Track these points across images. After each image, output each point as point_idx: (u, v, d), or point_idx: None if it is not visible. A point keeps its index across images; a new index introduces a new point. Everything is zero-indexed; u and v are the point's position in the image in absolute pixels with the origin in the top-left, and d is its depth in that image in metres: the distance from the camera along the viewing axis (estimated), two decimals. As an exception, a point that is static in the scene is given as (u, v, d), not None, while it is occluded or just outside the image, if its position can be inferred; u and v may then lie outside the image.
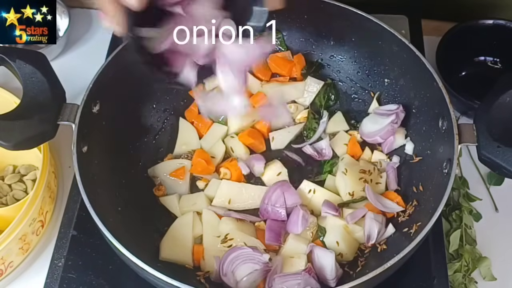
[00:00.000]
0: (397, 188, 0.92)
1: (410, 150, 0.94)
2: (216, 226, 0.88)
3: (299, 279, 0.79)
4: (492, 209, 0.99)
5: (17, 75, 0.83)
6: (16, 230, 0.85)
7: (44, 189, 0.89)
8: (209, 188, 0.93)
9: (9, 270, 0.89)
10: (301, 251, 0.85)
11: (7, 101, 0.96)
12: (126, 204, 0.88)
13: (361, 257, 0.86)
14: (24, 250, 0.90)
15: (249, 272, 0.80)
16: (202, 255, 0.86)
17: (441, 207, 0.75)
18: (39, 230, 0.92)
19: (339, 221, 0.87)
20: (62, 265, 0.88)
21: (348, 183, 0.89)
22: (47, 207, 0.93)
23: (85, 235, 0.90)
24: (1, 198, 0.97)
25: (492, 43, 1.08)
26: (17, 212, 0.85)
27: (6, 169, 1.00)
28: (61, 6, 1.15)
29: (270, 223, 0.87)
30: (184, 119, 1.01)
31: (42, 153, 0.90)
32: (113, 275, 0.88)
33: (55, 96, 0.83)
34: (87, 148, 0.84)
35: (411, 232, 0.82)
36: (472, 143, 0.79)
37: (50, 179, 0.93)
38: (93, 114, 0.86)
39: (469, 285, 0.90)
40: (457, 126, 0.80)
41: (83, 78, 0.87)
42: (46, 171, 0.90)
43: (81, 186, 0.77)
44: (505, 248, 0.95)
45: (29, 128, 0.79)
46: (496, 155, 0.76)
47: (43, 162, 0.89)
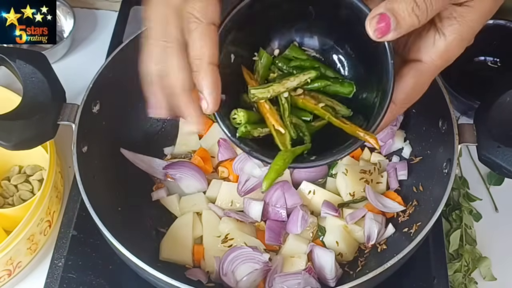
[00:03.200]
0: (397, 188, 0.92)
1: (407, 154, 0.94)
2: (216, 226, 0.88)
3: (299, 279, 0.79)
4: (492, 209, 1.00)
5: (17, 75, 0.83)
6: (24, 230, 0.85)
7: (51, 189, 0.90)
8: (209, 189, 0.93)
9: (17, 270, 0.89)
10: (302, 251, 0.85)
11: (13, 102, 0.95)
12: (126, 204, 0.88)
13: (361, 257, 0.86)
14: (32, 250, 0.90)
15: (249, 271, 0.80)
16: (202, 255, 0.86)
17: (441, 207, 0.75)
18: (47, 230, 0.92)
19: (339, 221, 0.87)
20: (62, 265, 0.88)
21: (349, 184, 0.89)
22: (54, 207, 0.93)
23: (85, 235, 0.90)
24: (8, 198, 0.97)
25: (492, 43, 1.08)
26: (24, 212, 0.85)
27: (12, 169, 1.01)
28: (66, 7, 1.15)
29: (270, 223, 0.87)
30: (184, 119, 1.00)
31: (49, 153, 0.90)
32: (113, 275, 0.88)
33: (55, 96, 0.83)
34: (87, 148, 0.84)
35: (411, 232, 0.82)
36: (472, 143, 0.79)
37: (56, 179, 0.93)
38: (93, 114, 0.86)
39: (469, 285, 0.90)
40: (457, 126, 0.80)
41: (85, 78, 0.87)
42: (53, 171, 0.90)
43: (81, 186, 0.77)
44: (505, 248, 0.95)
45: (29, 128, 0.79)
46: (496, 155, 0.76)
47: (50, 162, 0.89)
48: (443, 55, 0.60)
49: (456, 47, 0.60)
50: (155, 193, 0.93)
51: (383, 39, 0.57)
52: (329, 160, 0.64)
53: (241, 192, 0.89)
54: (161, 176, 0.94)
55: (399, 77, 0.62)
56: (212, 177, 0.94)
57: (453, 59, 0.61)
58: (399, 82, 0.62)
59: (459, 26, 0.59)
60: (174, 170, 0.92)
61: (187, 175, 0.92)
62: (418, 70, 0.62)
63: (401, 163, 0.93)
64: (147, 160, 0.94)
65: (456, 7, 0.58)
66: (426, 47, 0.61)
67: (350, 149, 0.63)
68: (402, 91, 0.62)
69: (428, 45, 0.61)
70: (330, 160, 0.64)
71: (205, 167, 0.94)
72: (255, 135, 0.65)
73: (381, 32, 0.56)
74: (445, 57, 0.61)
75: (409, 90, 0.62)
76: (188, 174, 0.92)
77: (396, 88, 0.61)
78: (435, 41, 0.60)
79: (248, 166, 0.91)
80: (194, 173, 0.91)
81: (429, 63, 0.61)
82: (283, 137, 0.64)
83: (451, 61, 0.61)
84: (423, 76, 0.62)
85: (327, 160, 0.64)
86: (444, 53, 0.60)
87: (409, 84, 0.62)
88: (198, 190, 0.92)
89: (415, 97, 0.64)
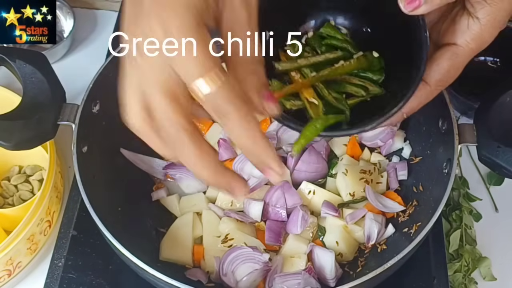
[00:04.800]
0: (397, 188, 0.92)
1: (407, 154, 0.94)
2: (216, 226, 0.88)
3: (299, 279, 0.79)
4: (492, 209, 0.99)
5: (17, 75, 0.83)
6: (24, 230, 0.85)
7: (51, 189, 0.90)
8: (209, 189, 0.93)
9: (17, 270, 0.89)
10: (302, 251, 0.85)
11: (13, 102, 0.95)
12: (126, 204, 0.88)
13: (361, 257, 0.86)
14: (32, 250, 0.90)
15: (249, 271, 0.80)
16: (202, 255, 0.86)
17: (441, 207, 0.75)
18: (47, 230, 0.92)
19: (339, 221, 0.87)
20: (62, 265, 0.88)
21: (349, 184, 0.89)
22: (54, 207, 0.93)
23: (85, 235, 0.90)
24: (8, 198, 0.97)
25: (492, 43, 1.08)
26: (24, 212, 0.85)
27: (12, 169, 1.01)
28: (66, 7, 1.15)
29: (270, 223, 0.87)
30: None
31: (49, 153, 0.90)
32: (113, 275, 0.88)
33: (55, 96, 0.83)
34: (87, 148, 0.83)
35: (411, 232, 0.82)
36: (472, 143, 0.79)
37: (56, 179, 0.93)
38: (93, 114, 0.86)
39: (469, 285, 0.90)
40: (457, 126, 0.80)
41: (85, 78, 0.87)
42: (53, 171, 0.90)
43: (81, 186, 0.77)
44: (505, 248, 0.95)
45: (29, 128, 0.79)
46: (496, 155, 0.76)
47: (50, 162, 0.89)
48: (478, 38, 0.61)
49: (490, 28, 0.61)
50: (155, 193, 0.93)
51: (415, 12, 0.58)
52: (360, 129, 0.64)
53: (241, 192, 0.88)
54: (161, 176, 0.94)
55: (433, 59, 0.63)
56: (212, 177, 0.94)
57: (487, 42, 0.62)
58: (434, 63, 0.63)
59: (491, 8, 0.60)
60: (174, 170, 0.92)
61: (187, 175, 0.92)
62: (453, 53, 0.63)
63: (401, 163, 0.93)
64: (147, 160, 0.94)
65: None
66: (460, 30, 0.62)
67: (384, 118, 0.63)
68: (437, 72, 0.63)
69: (462, 29, 0.62)
70: (361, 129, 0.64)
71: (205, 167, 0.93)
72: (288, 107, 0.66)
73: (413, 5, 0.57)
74: (480, 40, 0.62)
75: (444, 72, 0.63)
76: (188, 174, 0.92)
77: (430, 69, 0.63)
78: (469, 24, 0.61)
79: (248, 166, 0.90)
80: (194, 173, 0.91)
81: (464, 46, 0.62)
82: (317, 109, 0.65)
83: (486, 44, 0.62)
84: (458, 59, 0.63)
85: (359, 129, 0.64)
86: (479, 36, 0.61)
87: (444, 66, 0.63)
88: (198, 190, 0.92)
89: (449, 80, 0.64)
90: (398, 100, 0.62)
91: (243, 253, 0.82)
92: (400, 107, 0.62)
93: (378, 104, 0.66)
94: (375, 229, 0.85)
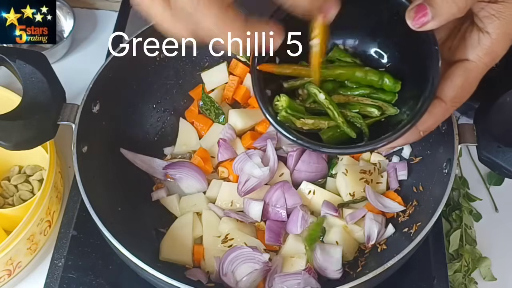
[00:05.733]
0: (397, 188, 0.92)
1: (407, 154, 0.94)
2: (216, 226, 0.88)
3: (299, 279, 0.79)
4: (492, 209, 1.00)
5: (17, 75, 0.83)
6: (24, 230, 0.85)
7: (51, 189, 0.90)
8: (209, 189, 0.93)
9: (17, 271, 0.89)
10: (302, 251, 0.85)
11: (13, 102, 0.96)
12: (126, 204, 0.88)
13: (361, 257, 0.86)
14: (32, 250, 0.90)
15: (249, 271, 0.80)
16: (202, 255, 0.86)
17: (441, 207, 0.75)
18: (47, 230, 0.92)
19: (339, 221, 0.87)
20: (62, 265, 0.88)
21: (348, 184, 0.89)
22: (54, 207, 0.93)
23: (85, 235, 0.90)
24: (8, 198, 0.97)
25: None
26: (24, 212, 0.86)
27: (12, 169, 1.01)
28: (66, 7, 1.15)
29: (270, 223, 0.87)
30: (184, 119, 1.01)
31: (49, 153, 0.90)
32: (113, 275, 0.88)
33: (55, 96, 0.83)
34: (87, 148, 0.84)
35: (411, 232, 0.82)
36: (472, 143, 0.79)
37: (56, 179, 0.93)
38: (93, 114, 0.86)
39: (469, 285, 0.90)
40: (457, 126, 0.80)
41: (85, 78, 0.87)
42: (53, 171, 0.90)
43: (81, 186, 0.77)
44: (505, 248, 0.95)
45: (29, 128, 0.79)
46: (496, 155, 0.76)
47: (50, 162, 0.90)
48: (490, 52, 0.61)
49: (501, 41, 0.61)
50: (155, 193, 0.93)
51: (423, 28, 0.58)
52: (373, 146, 0.65)
53: (241, 192, 0.88)
54: (161, 176, 0.94)
55: (446, 76, 0.63)
56: (212, 177, 0.94)
57: (500, 55, 0.62)
58: (447, 80, 0.63)
59: (500, 22, 0.59)
60: (174, 170, 0.92)
61: (187, 175, 0.92)
62: (466, 69, 0.62)
63: (401, 163, 0.93)
64: (147, 160, 0.94)
65: (492, 5, 0.59)
66: (471, 46, 0.62)
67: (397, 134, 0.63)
68: (451, 88, 0.63)
69: (473, 44, 0.61)
70: (374, 146, 0.65)
71: (205, 167, 0.94)
72: (298, 126, 0.67)
73: (421, 21, 0.57)
74: (492, 53, 0.61)
75: (457, 88, 0.63)
76: (188, 174, 0.92)
77: (444, 86, 0.62)
78: (480, 39, 0.61)
79: (248, 166, 0.90)
80: (194, 173, 0.91)
81: (476, 61, 0.62)
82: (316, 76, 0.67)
83: (498, 58, 0.62)
84: (472, 74, 0.63)
85: (372, 146, 0.65)
86: (490, 50, 0.61)
87: (457, 82, 0.63)
88: (198, 190, 0.92)
89: (464, 95, 0.64)
90: (411, 117, 0.63)
91: (243, 253, 0.82)
92: (413, 123, 0.62)
93: (393, 122, 0.67)
94: (375, 229, 0.85)
